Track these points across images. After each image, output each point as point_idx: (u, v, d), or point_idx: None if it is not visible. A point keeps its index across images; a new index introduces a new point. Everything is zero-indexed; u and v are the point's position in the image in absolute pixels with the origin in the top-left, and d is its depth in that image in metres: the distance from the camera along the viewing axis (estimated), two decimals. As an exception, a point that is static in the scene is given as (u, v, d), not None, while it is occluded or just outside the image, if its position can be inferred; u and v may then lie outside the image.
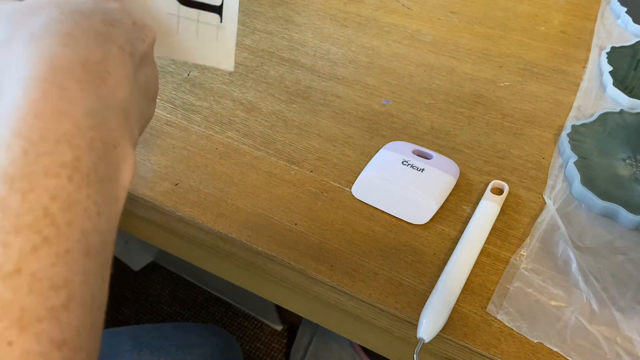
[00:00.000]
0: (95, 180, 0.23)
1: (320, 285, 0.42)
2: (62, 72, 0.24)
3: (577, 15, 0.71)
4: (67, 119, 0.23)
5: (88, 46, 0.25)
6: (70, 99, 0.23)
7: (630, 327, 0.37)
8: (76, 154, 0.22)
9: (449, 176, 0.47)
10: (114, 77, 0.26)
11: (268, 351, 1.15)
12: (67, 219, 0.22)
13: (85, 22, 0.26)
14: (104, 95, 0.25)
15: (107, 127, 0.24)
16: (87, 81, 0.24)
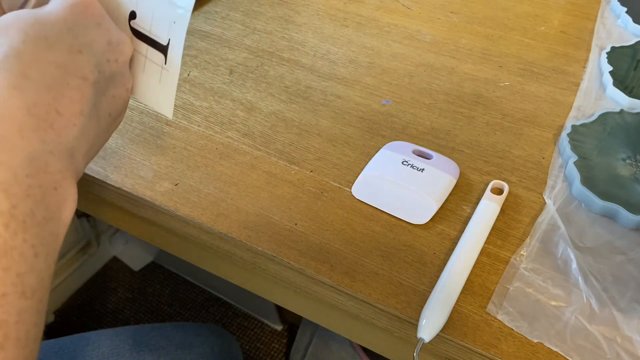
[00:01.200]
0: (32, 224, 0.24)
1: (320, 285, 0.42)
2: (6, 120, 0.24)
3: (577, 15, 0.71)
4: (5, 168, 0.24)
5: (40, 88, 0.26)
6: (10, 148, 0.24)
7: (630, 327, 0.37)
8: (12, 202, 0.23)
9: (449, 176, 0.47)
10: (64, 117, 0.26)
11: (268, 351, 1.15)
12: (3, 265, 0.23)
13: (47, 55, 0.26)
14: (48, 140, 0.25)
15: (47, 172, 0.25)
16: (30, 128, 0.25)
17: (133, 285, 1.27)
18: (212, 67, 0.61)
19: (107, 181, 0.48)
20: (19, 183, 0.24)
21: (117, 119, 0.32)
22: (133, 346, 0.63)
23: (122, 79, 0.31)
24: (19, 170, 0.24)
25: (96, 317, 1.20)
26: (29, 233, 0.24)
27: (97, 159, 0.49)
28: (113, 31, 0.30)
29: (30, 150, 0.25)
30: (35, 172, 0.25)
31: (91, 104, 0.28)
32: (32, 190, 0.24)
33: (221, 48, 0.64)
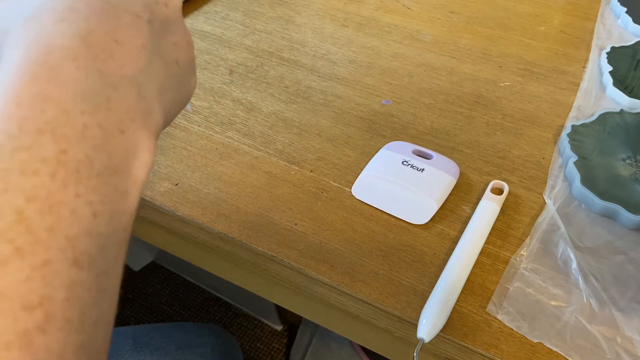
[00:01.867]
0: (88, 176, 0.19)
1: (320, 285, 0.42)
2: (56, 50, 0.20)
3: (577, 15, 0.71)
4: (53, 104, 0.19)
5: (92, 17, 0.22)
6: (61, 81, 0.20)
7: (630, 327, 0.37)
8: (61, 146, 0.19)
9: (449, 176, 0.47)
10: (125, 48, 0.22)
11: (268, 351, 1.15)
12: (47, 224, 0.18)
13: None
14: (108, 72, 0.21)
15: (110, 109, 0.21)
16: (86, 57, 0.21)
17: (133, 285, 1.28)
18: (212, 67, 0.61)
19: (107, 181, 0.47)
20: (72, 122, 0.19)
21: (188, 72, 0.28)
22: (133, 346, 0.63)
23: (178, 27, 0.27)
24: (71, 105, 0.19)
25: (96, 317, 1.20)
26: (84, 185, 0.19)
27: (97, 159, 0.49)
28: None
29: (87, 82, 0.20)
30: (94, 108, 0.20)
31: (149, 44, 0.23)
32: (88, 131, 0.20)
33: (221, 48, 0.64)
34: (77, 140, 0.19)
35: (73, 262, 0.18)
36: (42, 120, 0.19)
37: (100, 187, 0.19)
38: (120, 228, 0.20)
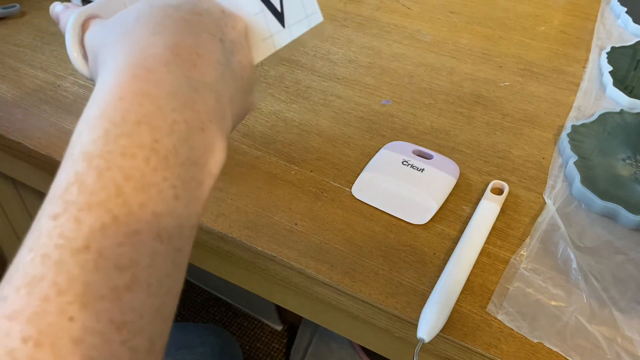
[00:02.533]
0: (174, 164, 0.23)
1: (320, 285, 0.42)
2: (151, 57, 0.24)
3: (577, 15, 0.71)
4: (150, 100, 0.23)
5: (178, 33, 0.26)
6: (156, 81, 0.23)
7: (630, 327, 0.37)
8: (155, 136, 0.22)
9: (449, 176, 0.47)
10: (204, 59, 0.26)
11: (268, 351, 1.15)
12: (140, 200, 0.21)
13: (175, 13, 0.27)
14: (193, 77, 0.25)
15: (194, 109, 0.24)
16: (175, 64, 0.24)
17: (133, 285, 1.27)
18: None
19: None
20: (164, 116, 0.23)
21: (251, 87, 0.32)
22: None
23: (242, 48, 0.31)
24: (164, 102, 0.23)
25: (96, 317, 1.20)
26: (170, 171, 0.23)
27: (97, 159, 0.49)
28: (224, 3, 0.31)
29: (177, 84, 0.24)
30: (182, 106, 0.24)
31: (224, 58, 0.28)
32: (177, 126, 0.23)
33: (221, 48, 0.64)
34: (167, 133, 0.23)
35: (156, 235, 0.22)
36: (140, 113, 0.22)
37: (182, 175, 0.23)
38: (194, 213, 0.24)
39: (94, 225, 0.20)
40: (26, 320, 0.19)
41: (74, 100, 0.56)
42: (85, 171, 0.21)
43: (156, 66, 0.24)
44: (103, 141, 0.22)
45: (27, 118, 0.54)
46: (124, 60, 0.24)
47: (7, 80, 0.58)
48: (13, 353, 0.18)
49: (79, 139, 0.22)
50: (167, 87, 0.24)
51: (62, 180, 0.22)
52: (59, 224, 0.20)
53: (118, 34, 0.26)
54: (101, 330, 0.19)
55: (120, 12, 0.29)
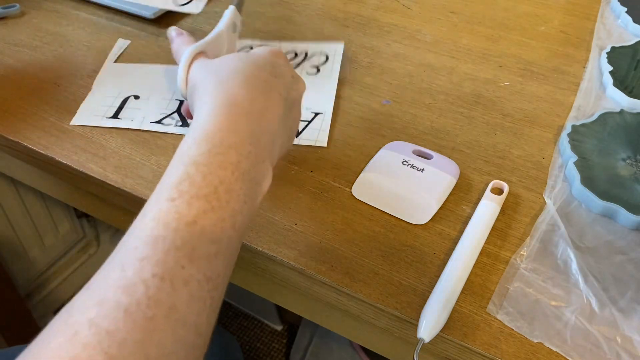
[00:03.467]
0: (246, 179, 0.33)
1: (320, 285, 0.42)
2: (237, 105, 0.35)
3: (577, 15, 0.71)
4: (237, 134, 0.33)
5: (257, 90, 0.36)
6: (239, 123, 0.34)
7: (630, 327, 0.37)
8: (239, 158, 0.32)
9: (449, 176, 0.47)
10: (270, 113, 0.36)
11: (268, 351, 1.15)
12: (227, 198, 0.31)
13: (258, 72, 0.38)
14: (261, 125, 0.35)
15: (260, 146, 0.34)
16: (252, 113, 0.35)
17: (133, 285, 1.27)
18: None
19: (107, 181, 0.48)
20: (244, 146, 0.33)
21: (293, 136, 0.43)
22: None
23: (297, 106, 0.42)
24: (245, 137, 0.33)
25: (96, 317, 1.20)
26: (244, 184, 0.32)
27: (97, 159, 0.49)
28: (294, 71, 0.42)
29: (252, 127, 0.34)
30: (255, 142, 0.34)
31: (283, 113, 0.38)
32: (250, 155, 0.33)
33: (221, 48, 0.64)
34: (245, 157, 0.33)
35: (232, 224, 0.31)
36: (231, 141, 0.33)
37: (249, 188, 0.33)
38: (250, 216, 0.33)
39: (199, 208, 0.30)
40: (154, 263, 0.27)
41: (74, 100, 0.56)
42: (195, 173, 0.31)
43: (240, 112, 0.35)
44: (207, 155, 0.32)
45: (27, 118, 0.54)
46: (221, 102, 0.35)
47: (8, 80, 0.58)
48: (146, 282, 0.26)
49: (189, 151, 0.32)
50: (247, 128, 0.34)
51: (176, 176, 0.31)
52: (175, 204, 0.29)
53: (216, 81, 0.37)
54: (199, 279, 0.28)
55: (219, 61, 0.39)
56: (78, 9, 0.70)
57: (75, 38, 0.65)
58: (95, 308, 0.26)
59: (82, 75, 0.59)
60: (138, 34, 0.66)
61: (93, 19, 0.69)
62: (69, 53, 0.63)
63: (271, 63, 0.39)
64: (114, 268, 0.28)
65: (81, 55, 0.62)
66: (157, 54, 0.63)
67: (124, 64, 0.61)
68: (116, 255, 0.29)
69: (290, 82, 0.40)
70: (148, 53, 0.63)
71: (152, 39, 0.65)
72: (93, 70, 0.60)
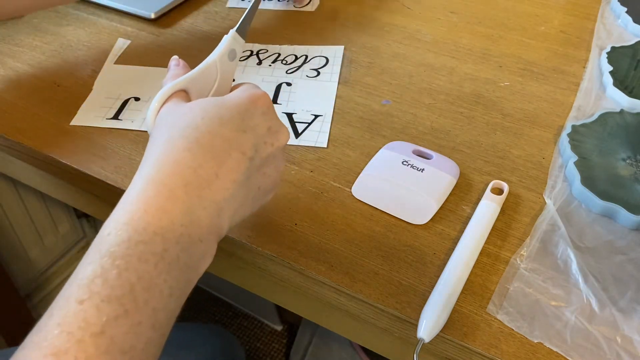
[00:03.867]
0: (174, 268, 0.29)
1: (320, 285, 0.42)
2: (177, 176, 0.30)
3: (577, 15, 0.71)
4: (167, 216, 0.29)
5: (208, 153, 0.32)
6: (174, 200, 0.30)
7: (630, 327, 0.37)
8: (165, 246, 0.29)
9: (449, 176, 0.47)
10: (221, 181, 0.32)
11: (268, 351, 1.15)
12: (145, 297, 0.27)
13: (219, 129, 0.33)
14: (204, 197, 0.31)
15: (198, 225, 0.30)
16: (193, 185, 0.31)
17: (133, 285, 1.27)
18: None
19: (107, 181, 0.48)
20: (174, 230, 0.29)
21: (266, 194, 0.37)
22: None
23: (274, 160, 0.37)
24: (176, 219, 0.29)
25: (96, 317, 1.20)
26: (170, 275, 0.29)
27: (97, 159, 0.49)
28: (275, 120, 0.37)
29: (189, 204, 0.30)
30: (189, 223, 0.30)
31: (244, 176, 0.33)
32: (182, 239, 0.29)
33: (221, 48, 0.64)
34: (175, 243, 0.29)
35: (152, 326, 0.27)
36: (158, 226, 0.29)
37: (178, 277, 0.29)
38: (180, 306, 0.30)
39: (109, 315, 0.26)
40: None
41: (74, 101, 0.56)
42: (109, 268, 0.27)
43: (177, 185, 0.30)
44: (126, 245, 0.28)
45: (27, 118, 0.54)
46: (157, 170, 0.31)
47: (7, 80, 0.58)
48: None
49: (108, 237, 0.28)
50: (181, 206, 0.30)
51: (90, 270, 0.27)
52: (84, 308, 0.26)
53: (166, 138, 0.32)
54: None
55: (183, 110, 0.35)
56: (78, 9, 0.70)
57: (75, 38, 0.65)
58: None
59: (82, 75, 0.59)
60: (138, 34, 0.66)
61: (93, 19, 0.69)
62: (69, 53, 0.63)
63: (242, 114, 0.34)
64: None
65: (81, 55, 0.62)
66: (157, 54, 0.63)
67: (125, 65, 0.61)
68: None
69: (263, 135, 0.35)
70: (148, 53, 0.63)
71: (152, 39, 0.65)
72: (93, 70, 0.60)
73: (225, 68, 0.41)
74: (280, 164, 0.38)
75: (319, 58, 0.62)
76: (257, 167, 0.35)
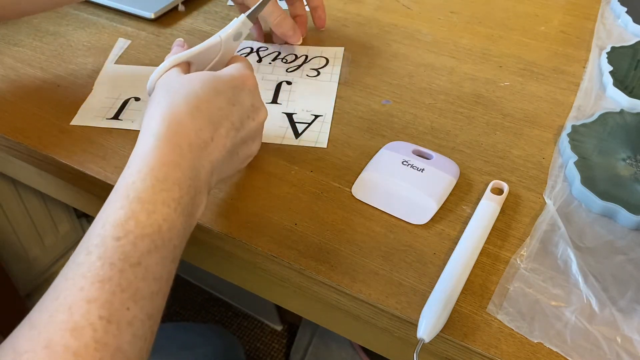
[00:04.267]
0: (186, 214, 0.34)
1: (320, 285, 0.42)
2: (182, 136, 0.35)
3: (577, 15, 0.71)
4: (180, 169, 0.34)
5: (205, 119, 0.37)
6: (183, 156, 0.35)
7: (630, 327, 0.37)
8: (181, 194, 0.34)
9: (449, 176, 0.47)
10: (215, 144, 0.37)
11: (268, 351, 1.15)
12: (169, 236, 0.33)
13: (214, 99, 0.38)
14: (203, 157, 0.36)
15: (198, 179, 0.36)
16: (195, 144, 0.36)
17: (133, 285, 1.27)
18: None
19: (107, 181, 0.48)
20: (185, 181, 0.34)
21: (243, 162, 0.44)
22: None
23: (255, 134, 0.43)
24: (187, 172, 0.35)
25: (96, 317, 1.20)
26: (184, 218, 0.34)
27: (97, 159, 0.49)
28: (258, 99, 0.42)
29: (193, 160, 0.35)
30: (194, 176, 0.35)
31: (231, 143, 0.39)
32: (190, 189, 0.35)
33: (221, 48, 0.64)
34: (187, 192, 0.34)
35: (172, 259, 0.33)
36: (175, 177, 0.34)
37: (187, 221, 0.35)
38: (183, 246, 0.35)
39: (144, 249, 0.31)
40: (100, 305, 0.29)
41: (74, 101, 0.56)
42: (139, 211, 0.32)
43: (184, 145, 0.35)
44: (151, 191, 0.33)
45: (27, 118, 0.54)
46: (166, 131, 0.35)
47: (7, 80, 0.58)
48: (94, 325, 0.28)
49: (133, 185, 0.33)
50: (189, 162, 0.35)
51: (122, 213, 0.32)
52: (121, 244, 0.31)
53: (169, 103, 0.37)
54: (142, 318, 0.30)
55: (184, 80, 0.39)
56: (78, 9, 0.70)
57: (75, 38, 0.65)
58: (44, 351, 0.27)
59: (82, 75, 0.59)
60: (138, 34, 0.66)
61: (93, 19, 0.69)
62: (69, 53, 0.63)
63: (233, 89, 0.40)
64: (60, 308, 0.28)
65: (81, 55, 0.62)
66: (157, 54, 0.63)
67: (125, 65, 0.61)
68: (61, 293, 0.29)
69: (247, 110, 0.40)
70: (148, 53, 0.63)
71: (152, 39, 0.65)
72: (93, 71, 0.60)
73: (228, 47, 0.45)
74: (257, 138, 0.44)
75: (318, 58, 0.62)
76: (241, 137, 0.40)
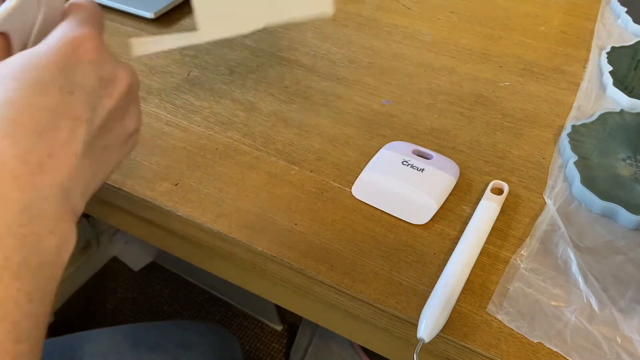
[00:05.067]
0: (26, 273, 0.25)
1: (320, 285, 0.42)
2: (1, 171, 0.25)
3: (577, 15, 0.71)
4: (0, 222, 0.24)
5: (32, 134, 0.26)
6: (5, 201, 0.24)
7: (630, 327, 0.37)
8: (5, 254, 0.24)
9: (449, 176, 0.47)
10: (57, 159, 0.26)
11: (268, 351, 1.15)
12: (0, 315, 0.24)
13: (38, 100, 0.26)
14: (41, 185, 0.26)
15: (42, 217, 0.26)
16: (23, 174, 0.25)
17: (133, 285, 1.28)
18: (213, 67, 0.61)
19: (107, 181, 0.48)
20: (13, 235, 0.24)
21: (119, 150, 0.32)
22: (133, 344, 0.63)
23: (121, 112, 0.30)
24: (12, 222, 0.25)
25: (96, 317, 1.20)
26: (23, 281, 0.25)
27: (97, 158, 0.49)
28: (106, 65, 0.30)
29: (24, 200, 0.25)
30: (30, 220, 0.25)
31: (85, 144, 0.28)
32: (26, 239, 0.25)
33: (221, 48, 0.64)
34: (18, 248, 0.24)
35: (16, 339, 0.24)
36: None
37: (35, 279, 0.25)
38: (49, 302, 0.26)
39: None
40: None
41: (74, 100, 0.56)
42: None
43: (5, 182, 0.25)
44: None
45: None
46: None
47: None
48: None
49: None
50: (15, 206, 0.25)
51: None
52: None
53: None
54: None
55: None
56: (78, 9, 0.70)
57: (75, 38, 0.65)
58: None
59: None
60: (138, 34, 0.66)
61: (93, 19, 0.68)
62: (69, 53, 0.62)
63: (64, 71, 0.27)
64: None
65: (81, 55, 0.62)
66: (156, 54, 0.63)
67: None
68: None
69: (95, 89, 0.29)
70: (148, 53, 0.63)
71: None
72: (93, 70, 0.60)
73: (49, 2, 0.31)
74: (130, 109, 0.31)
75: None
76: (100, 127, 0.29)
